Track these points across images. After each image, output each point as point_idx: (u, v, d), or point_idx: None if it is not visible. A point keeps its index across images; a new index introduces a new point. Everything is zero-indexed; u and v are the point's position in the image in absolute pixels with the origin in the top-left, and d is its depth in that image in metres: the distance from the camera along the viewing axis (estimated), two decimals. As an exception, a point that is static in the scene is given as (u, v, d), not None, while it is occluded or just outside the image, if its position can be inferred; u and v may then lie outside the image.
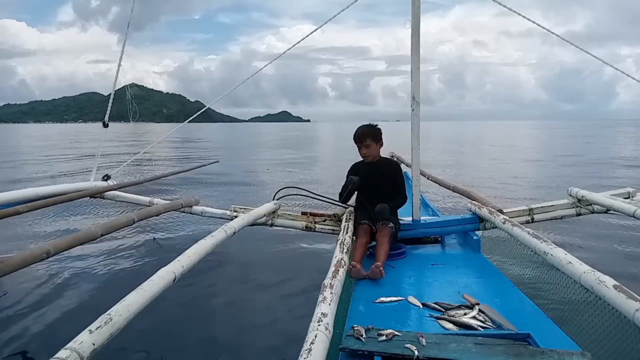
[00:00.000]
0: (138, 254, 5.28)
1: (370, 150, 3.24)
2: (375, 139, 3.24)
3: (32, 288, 4.17)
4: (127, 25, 4.22)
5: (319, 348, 1.37)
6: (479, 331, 1.87)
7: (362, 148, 3.25)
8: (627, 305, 1.55)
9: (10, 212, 2.59)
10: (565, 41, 3.80)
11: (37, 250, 1.84)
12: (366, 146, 3.23)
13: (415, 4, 3.11)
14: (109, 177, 4.02)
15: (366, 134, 3.22)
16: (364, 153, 3.25)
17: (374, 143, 3.24)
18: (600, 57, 3.72)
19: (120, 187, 3.95)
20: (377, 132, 3.26)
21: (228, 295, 4.06)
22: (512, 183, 11.41)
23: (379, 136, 3.28)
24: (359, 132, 3.25)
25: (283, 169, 15.57)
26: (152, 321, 3.27)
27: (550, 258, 2.11)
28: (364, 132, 3.23)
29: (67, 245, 2.05)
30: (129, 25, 4.23)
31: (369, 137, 3.22)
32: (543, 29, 3.73)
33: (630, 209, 2.75)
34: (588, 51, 3.72)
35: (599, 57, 3.69)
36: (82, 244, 2.17)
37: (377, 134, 3.26)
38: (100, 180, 3.97)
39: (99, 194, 3.75)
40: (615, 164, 16.17)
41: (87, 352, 1.26)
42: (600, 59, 3.78)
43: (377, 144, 3.26)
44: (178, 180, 11.74)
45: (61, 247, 2.01)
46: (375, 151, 3.26)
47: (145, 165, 14.57)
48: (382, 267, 2.54)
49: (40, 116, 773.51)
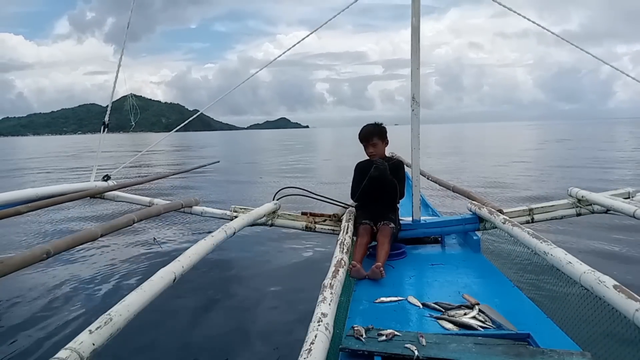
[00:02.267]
0: (138, 254, 5.28)
1: (377, 149, 3.23)
2: (381, 138, 3.24)
3: (32, 288, 4.17)
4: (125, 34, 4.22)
5: (319, 348, 1.37)
6: (479, 331, 1.86)
7: (368, 147, 3.24)
8: (627, 305, 1.55)
9: (11, 212, 2.59)
10: (565, 41, 3.80)
11: (37, 250, 1.83)
12: (373, 145, 3.22)
13: (415, 4, 3.10)
14: (109, 178, 4.02)
15: (373, 132, 3.22)
16: (371, 152, 3.24)
17: (380, 141, 3.24)
18: (597, 56, 3.72)
19: (120, 187, 3.95)
20: (383, 130, 3.26)
21: (228, 295, 4.06)
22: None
23: (385, 135, 3.28)
24: (366, 131, 3.24)
25: (297, 175, 15.40)
26: (152, 321, 3.27)
27: (550, 258, 2.11)
28: (370, 130, 3.22)
29: (67, 245, 2.05)
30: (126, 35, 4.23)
31: (375, 136, 3.21)
32: (543, 28, 3.72)
33: (630, 209, 2.75)
34: (587, 50, 3.72)
35: (597, 56, 3.68)
36: (82, 244, 2.17)
37: (383, 132, 3.26)
38: (100, 180, 3.97)
39: (99, 195, 3.75)
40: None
41: (87, 352, 1.26)
42: (599, 59, 3.78)
43: (383, 142, 3.26)
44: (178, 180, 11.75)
45: (61, 247, 2.00)
46: (381, 150, 3.26)
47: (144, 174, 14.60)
48: (383, 267, 2.54)
49: (39, 129, 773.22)
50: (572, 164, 15.81)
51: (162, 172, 14.03)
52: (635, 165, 15.02)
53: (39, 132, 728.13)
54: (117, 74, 4.14)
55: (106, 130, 4.29)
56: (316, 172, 16.47)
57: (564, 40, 3.78)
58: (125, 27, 4.20)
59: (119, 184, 3.99)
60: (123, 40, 4.28)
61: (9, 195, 3.07)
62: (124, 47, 4.25)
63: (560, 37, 3.80)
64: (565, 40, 3.77)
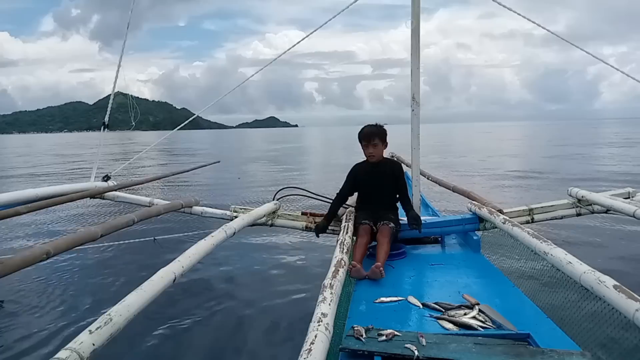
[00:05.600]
0: (138, 254, 5.28)
1: (376, 150, 3.20)
2: (382, 139, 3.21)
3: (32, 289, 4.17)
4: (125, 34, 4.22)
5: (319, 348, 1.37)
6: (479, 331, 1.86)
7: (369, 147, 3.21)
8: (627, 305, 1.55)
9: (11, 212, 2.58)
10: (565, 40, 3.80)
11: (37, 250, 1.83)
12: (374, 145, 3.18)
13: (414, 5, 3.11)
14: (109, 178, 4.02)
15: (375, 133, 3.19)
16: (371, 152, 3.21)
17: (381, 143, 3.21)
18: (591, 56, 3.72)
19: (120, 187, 3.95)
20: (384, 132, 3.23)
21: (228, 295, 4.07)
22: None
23: (385, 137, 3.25)
24: (368, 131, 3.21)
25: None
26: (152, 321, 3.27)
27: (550, 258, 2.11)
28: (372, 131, 3.19)
29: (67, 245, 2.04)
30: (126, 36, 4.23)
31: (377, 137, 3.18)
32: (539, 26, 3.72)
33: (630, 209, 2.75)
34: (585, 49, 3.72)
35: (594, 56, 3.68)
36: (82, 245, 2.17)
37: (384, 134, 3.23)
38: (100, 180, 3.97)
39: (99, 195, 3.75)
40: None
41: (87, 352, 1.26)
42: (601, 59, 3.80)
43: (383, 144, 3.24)
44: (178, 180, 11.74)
45: (61, 247, 2.00)
46: (380, 151, 3.24)
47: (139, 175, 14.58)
48: (382, 268, 2.54)
49: (24, 127, 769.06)
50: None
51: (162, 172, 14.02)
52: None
53: (25, 130, 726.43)
54: (117, 73, 4.14)
55: (106, 129, 4.30)
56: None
57: (565, 40, 3.78)
58: (125, 29, 4.21)
59: (119, 184, 3.99)
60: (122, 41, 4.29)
61: (9, 196, 3.07)
62: (124, 47, 4.25)
63: (561, 37, 3.81)
64: (565, 39, 3.78)
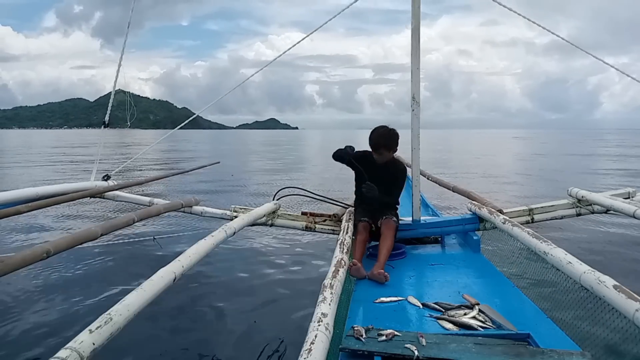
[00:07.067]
0: (138, 254, 5.28)
1: (382, 158, 3.15)
2: (388, 149, 3.12)
3: (32, 288, 4.17)
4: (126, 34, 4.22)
5: (319, 348, 1.37)
6: (479, 331, 1.86)
7: (375, 153, 3.16)
8: (627, 305, 1.55)
9: (11, 212, 2.58)
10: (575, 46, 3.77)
11: (37, 250, 1.83)
12: (379, 154, 3.13)
13: (415, 5, 3.10)
14: (109, 177, 4.02)
15: (381, 145, 3.10)
16: (376, 158, 3.16)
17: (387, 152, 3.13)
18: (597, 63, 3.71)
19: (120, 187, 3.95)
20: (392, 142, 3.12)
21: (228, 295, 4.06)
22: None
23: (394, 145, 3.15)
24: (375, 142, 3.11)
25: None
26: (152, 321, 3.27)
27: (550, 258, 2.11)
28: (379, 142, 3.10)
29: (67, 245, 2.04)
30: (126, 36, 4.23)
31: (382, 148, 3.10)
32: (545, 30, 3.71)
33: (630, 209, 2.75)
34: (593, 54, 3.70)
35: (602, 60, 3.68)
36: (82, 244, 2.17)
37: (392, 144, 3.13)
38: (100, 180, 3.97)
39: (99, 194, 3.75)
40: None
41: (87, 351, 1.26)
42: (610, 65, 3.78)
43: (391, 152, 3.16)
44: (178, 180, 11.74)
45: (61, 246, 2.00)
46: (386, 158, 3.17)
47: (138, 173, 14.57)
48: (383, 269, 2.55)
49: (24, 122, 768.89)
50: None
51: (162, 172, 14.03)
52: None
53: (25, 125, 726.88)
54: (118, 73, 4.14)
55: (107, 127, 4.30)
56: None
57: (575, 46, 3.76)
58: (126, 27, 4.20)
59: (119, 184, 3.99)
60: (123, 39, 4.28)
61: (9, 195, 3.07)
62: (124, 47, 4.24)
63: (571, 43, 3.79)
64: (576, 45, 3.75)
